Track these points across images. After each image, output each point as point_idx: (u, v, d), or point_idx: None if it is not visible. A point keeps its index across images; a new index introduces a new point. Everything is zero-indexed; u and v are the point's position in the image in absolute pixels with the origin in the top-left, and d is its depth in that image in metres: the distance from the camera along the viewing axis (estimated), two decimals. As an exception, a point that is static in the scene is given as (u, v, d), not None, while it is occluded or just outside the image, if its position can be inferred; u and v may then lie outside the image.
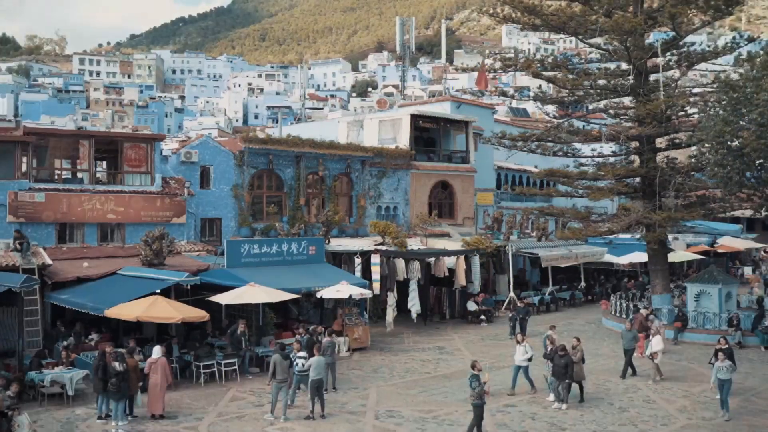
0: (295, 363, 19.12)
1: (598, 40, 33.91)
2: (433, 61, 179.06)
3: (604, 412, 19.15)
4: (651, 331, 24.44)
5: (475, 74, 38.98)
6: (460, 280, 33.05)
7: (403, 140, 39.90)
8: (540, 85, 42.30)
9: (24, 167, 27.68)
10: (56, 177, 29.75)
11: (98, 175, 30.98)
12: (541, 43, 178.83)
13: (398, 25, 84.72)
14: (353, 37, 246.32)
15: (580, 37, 33.51)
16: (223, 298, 23.20)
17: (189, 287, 23.70)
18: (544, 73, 33.50)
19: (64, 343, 22.69)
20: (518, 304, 32.73)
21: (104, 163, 33.41)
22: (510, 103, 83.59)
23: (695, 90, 32.93)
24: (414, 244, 34.52)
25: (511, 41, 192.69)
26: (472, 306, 33.88)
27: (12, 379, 18.07)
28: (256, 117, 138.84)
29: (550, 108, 37.87)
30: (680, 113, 32.32)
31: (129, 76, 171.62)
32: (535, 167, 46.53)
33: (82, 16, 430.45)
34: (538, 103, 37.07)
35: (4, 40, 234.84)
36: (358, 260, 30.25)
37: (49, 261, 24.46)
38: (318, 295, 26.16)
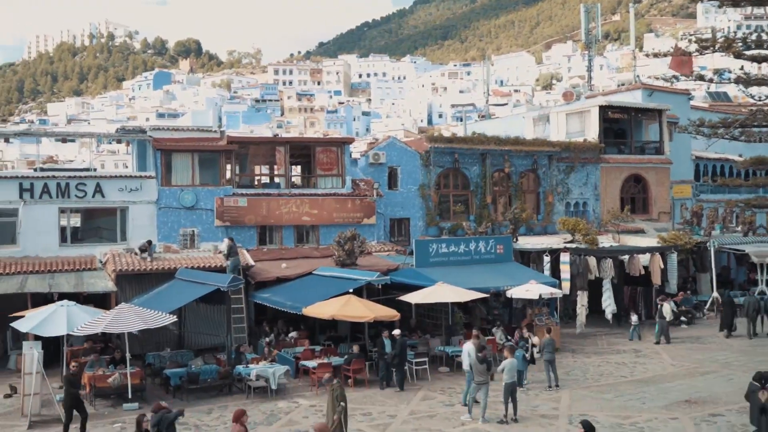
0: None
1: (811, 13, 30.82)
2: (621, 48, 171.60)
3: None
4: None
5: (668, 59, 36.72)
6: (656, 278, 31.36)
7: (592, 133, 38.60)
8: (742, 66, 39.17)
9: (228, 174, 29.76)
10: (256, 182, 31.70)
11: (293, 179, 32.62)
12: (742, 20, 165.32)
13: (583, 12, 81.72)
14: (536, 29, 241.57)
15: (790, 10, 30.62)
16: (413, 298, 23.58)
17: (380, 286, 24.34)
18: (746, 52, 30.98)
19: (267, 339, 24.12)
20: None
21: (298, 167, 35.14)
22: (708, 88, 78.17)
23: None
24: (606, 241, 33.26)
25: (708, 21, 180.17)
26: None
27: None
28: (441, 116, 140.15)
29: (755, 90, 34.92)
30: None
31: (319, 83, 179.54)
32: (740, 156, 43.13)
33: (274, 27, 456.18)
34: (740, 85, 34.33)
35: (208, 57, 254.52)
36: (547, 258, 29.58)
37: (252, 262, 26.11)
38: (507, 295, 25.90)
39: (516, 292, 25.36)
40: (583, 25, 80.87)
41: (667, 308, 27.90)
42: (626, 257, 31.47)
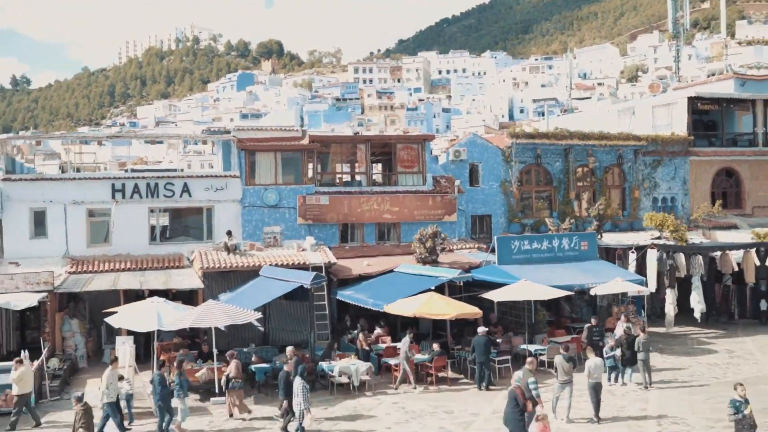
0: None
1: None
2: (711, 37, 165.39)
3: None
4: None
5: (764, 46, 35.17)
6: (750, 276, 30.08)
7: (680, 125, 37.34)
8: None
9: (310, 173, 30.14)
10: (337, 181, 31.99)
11: (374, 176, 32.75)
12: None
13: (670, 1, 79.07)
14: (620, 19, 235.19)
15: None
16: (495, 295, 23.34)
17: (461, 284, 24.19)
18: None
19: (349, 336, 24.31)
20: None
21: (379, 165, 35.27)
22: (806, 75, 74.52)
23: None
24: (695, 237, 32.15)
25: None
26: (765, 305, 30.67)
27: None
28: (522, 111, 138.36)
29: None
30: None
31: (399, 81, 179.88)
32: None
33: (354, 26, 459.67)
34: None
35: (290, 57, 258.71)
36: (633, 255, 28.81)
37: (334, 259, 26.34)
38: (591, 293, 25.35)
39: (601, 290, 24.80)
40: (670, 13, 78.33)
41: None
42: (717, 254, 30.36)
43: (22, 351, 21.06)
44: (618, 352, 21.10)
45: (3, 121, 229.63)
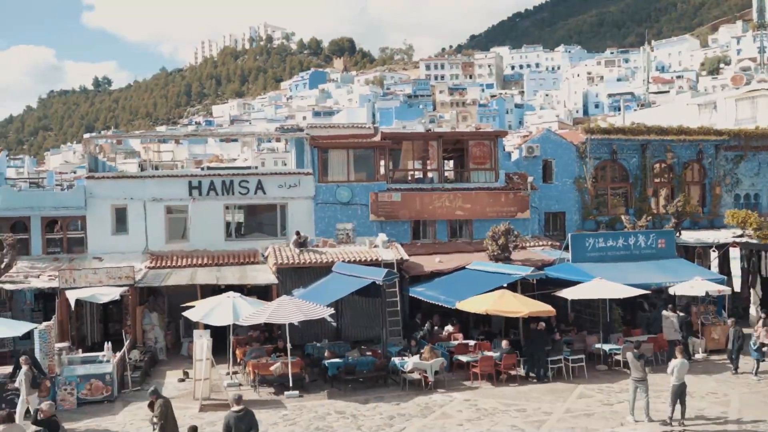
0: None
1: None
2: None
3: None
4: None
5: None
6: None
7: (765, 119, 35.98)
8: None
9: (382, 170, 30.27)
10: (409, 177, 32.02)
11: (446, 173, 32.64)
12: None
13: (754, -10, 76.01)
14: (700, 10, 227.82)
15: None
16: (569, 293, 23.00)
17: (535, 281, 23.91)
18: None
19: (420, 333, 24.33)
20: None
21: (451, 162, 35.14)
22: None
23: None
24: (781, 235, 30.90)
25: None
26: None
27: None
28: (597, 106, 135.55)
29: None
30: None
31: (470, 77, 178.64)
32: None
33: (426, 22, 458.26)
34: None
35: (361, 55, 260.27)
36: (714, 254, 27.93)
37: (406, 256, 26.39)
38: (670, 291, 24.68)
39: (680, 289, 24.12)
40: (755, 2, 75.39)
41: None
42: (805, 253, 29.15)
43: (106, 343, 21.89)
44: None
45: (86, 121, 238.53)
